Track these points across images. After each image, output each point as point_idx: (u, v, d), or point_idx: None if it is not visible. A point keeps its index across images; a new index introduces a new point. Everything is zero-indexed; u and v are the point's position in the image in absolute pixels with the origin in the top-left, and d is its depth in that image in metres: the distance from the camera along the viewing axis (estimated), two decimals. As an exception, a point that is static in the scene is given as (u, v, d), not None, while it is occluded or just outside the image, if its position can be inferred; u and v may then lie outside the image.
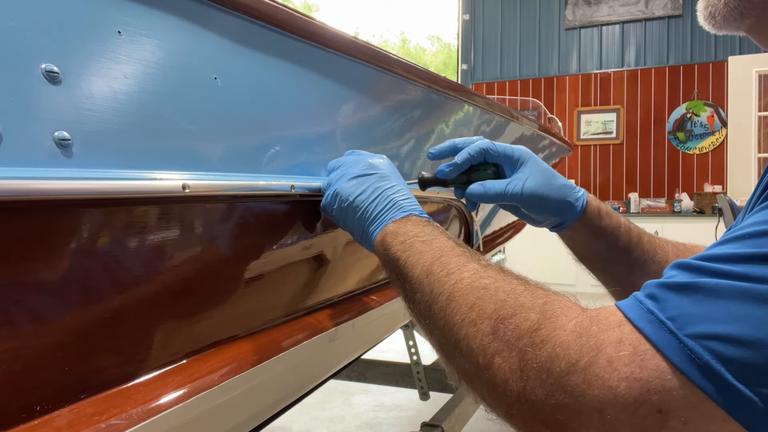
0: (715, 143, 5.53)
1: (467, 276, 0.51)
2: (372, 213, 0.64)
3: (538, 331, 0.43)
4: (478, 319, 0.47)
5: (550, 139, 1.76)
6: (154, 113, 0.52)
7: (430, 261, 0.56)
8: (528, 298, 0.47)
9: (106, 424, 0.50)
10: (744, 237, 0.40)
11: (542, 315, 0.45)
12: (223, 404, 0.64)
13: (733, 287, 0.37)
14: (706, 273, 0.39)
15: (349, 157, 0.72)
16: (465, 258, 0.55)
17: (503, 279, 0.50)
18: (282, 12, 0.62)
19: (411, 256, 0.58)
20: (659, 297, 0.40)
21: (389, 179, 0.67)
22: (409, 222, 0.62)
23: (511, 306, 0.46)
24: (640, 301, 0.42)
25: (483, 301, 0.48)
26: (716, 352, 0.36)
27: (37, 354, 0.47)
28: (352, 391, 2.79)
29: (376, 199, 0.64)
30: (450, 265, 0.54)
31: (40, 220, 0.45)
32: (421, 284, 0.55)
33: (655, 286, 0.42)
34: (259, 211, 0.67)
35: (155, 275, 0.56)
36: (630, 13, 5.77)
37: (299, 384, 0.94)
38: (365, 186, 0.65)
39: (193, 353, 0.62)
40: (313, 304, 0.84)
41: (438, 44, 16.00)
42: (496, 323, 0.46)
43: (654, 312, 0.40)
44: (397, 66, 0.81)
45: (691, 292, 0.39)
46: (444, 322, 0.51)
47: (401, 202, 0.64)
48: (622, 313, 0.42)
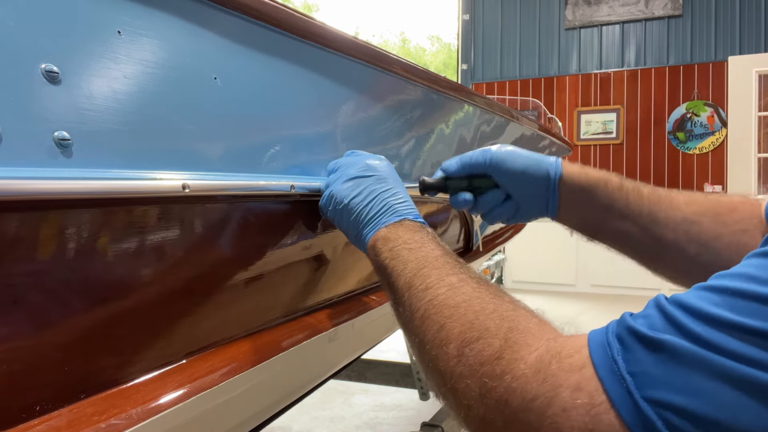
0: (715, 143, 5.53)
1: (443, 292, 0.52)
2: (366, 216, 0.64)
3: (498, 360, 0.43)
4: (446, 341, 0.48)
5: (550, 139, 1.76)
6: (154, 113, 0.52)
7: (412, 273, 0.56)
8: (495, 321, 0.47)
9: (106, 424, 0.50)
10: (726, 291, 0.38)
11: (505, 342, 0.44)
12: (223, 404, 0.64)
13: (698, 356, 0.36)
14: (678, 329, 0.38)
15: (348, 158, 0.71)
16: (446, 270, 0.55)
17: (477, 296, 0.50)
18: (282, 12, 0.62)
19: (396, 266, 0.58)
20: (627, 345, 0.39)
21: (386, 181, 0.66)
22: (401, 227, 0.62)
23: (477, 329, 0.46)
24: (608, 342, 0.40)
25: (452, 321, 0.49)
26: (670, 423, 0.35)
27: (37, 354, 0.47)
28: (352, 391, 2.79)
29: (371, 202, 0.64)
30: (429, 279, 0.54)
31: (40, 220, 0.45)
32: (403, 297, 0.56)
33: (626, 329, 0.40)
34: (258, 212, 0.67)
35: (155, 275, 0.56)
36: (630, 13, 5.77)
37: (299, 384, 0.94)
38: (361, 188, 0.65)
39: (193, 353, 0.62)
40: (313, 304, 0.84)
41: (438, 44, 16.01)
42: (461, 347, 0.46)
43: (617, 362, 0.39)
44: (397, 66, 0.81)
45: (658, 350, 0.38)
46: (419, 339, 0.52)
47: (396, 206, 0.64)
48: (588, 351, 0.41)
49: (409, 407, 2.66)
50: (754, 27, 5.38)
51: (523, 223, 2.54)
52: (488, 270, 4.75)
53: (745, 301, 0.36)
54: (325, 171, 0.73)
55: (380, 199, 0.64)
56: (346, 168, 0.69)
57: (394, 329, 1.43)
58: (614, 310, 4.92)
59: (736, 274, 0.39)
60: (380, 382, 2.33)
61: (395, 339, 2.38)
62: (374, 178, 0.66)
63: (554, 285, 5.60)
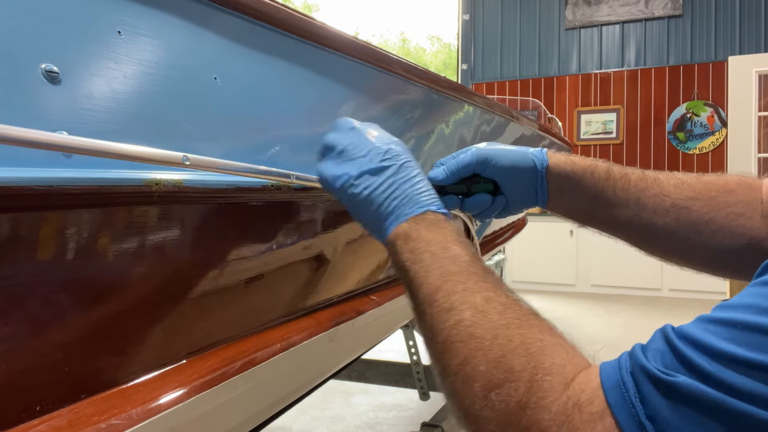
0: (715, 143, 5.53)
1: (467, 317, 0.50)
2: (386, 209, 0.61)
3: (524, 411, 0.43)
4: (471, 379, 0.47)
5: (550, 139, 1.76)
6: (154, 113, 0.52)
7: (435, 286, 0.54)
8: (521, 358, 0.46)
9: (106, 424, 0.50)
10: (735, 325, 0.37)
11: (530, 387, 0.44)
12: (223, 404, 0.64)
13: (715, 401, 0.35)
14: (687, 366, 0.38)
15: (354, 136, 0.65)
16: (471, 286, 0.52)
17: (503, 324, 0.49)
18: (282, 12, 0.62)
19: (418, 272, 0.56)
20: (641, 385, 0.39)
21: (406, 169, 0.63)
22: (423, 222, 0.59)
23: (503, 370, 0.46)
24: (623, 381, 0.40)
25: (477, 356, 0.47)
26: None
27: (37, 354, 0.47)
28: (352, 391, 2.79)
29: (392, 194, 0.61)
30: (453, 297, 0.52)
31: (40, 220, 0.45)
32: (424, 312, 0.54)
33: (638, 367, 0.40)
34: (259, 211, 0.67)
35: (155, 275, 0.56)
36: (630, 13, 5.77)
37: (299, 384, 0.94)
38: (381, 180, 0.61)
39: (193, 353, 0.62)
40: (313, 304, 0.84)
41: (438, 44, 16.01)
42: (487, 389, 0.46)
43: (635, 405, 0.38)
44: (397, 66, 0.81)
45: (670, 394, 0.37)
46: (441, 365, 0.51)
47: (417, 197, 0.61)
48: (604, 394, 0.41)
49: (409, 407, 2.66)
50: (754, 27, 5.38)
51: (523, 223, 2.54)
52: (488, 270, 4.74)
53: (756, 335, 0.36)
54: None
55: (401, 190, 0.61)
56: (355, 154, 0.63)
57: (394, 329, 1.43)
58: (614, 310, 4.88)
59: (742, 306, 0.38)
60: (380, 382, 2.33)
61: (395, 339, 2.38)
62: (395, 168, 0.62)
63: (554, 285, 5.60)
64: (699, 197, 0.67)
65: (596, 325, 4.23)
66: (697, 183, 0.68)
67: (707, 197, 0.67)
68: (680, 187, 0.69)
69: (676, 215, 0.68)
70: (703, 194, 0.67)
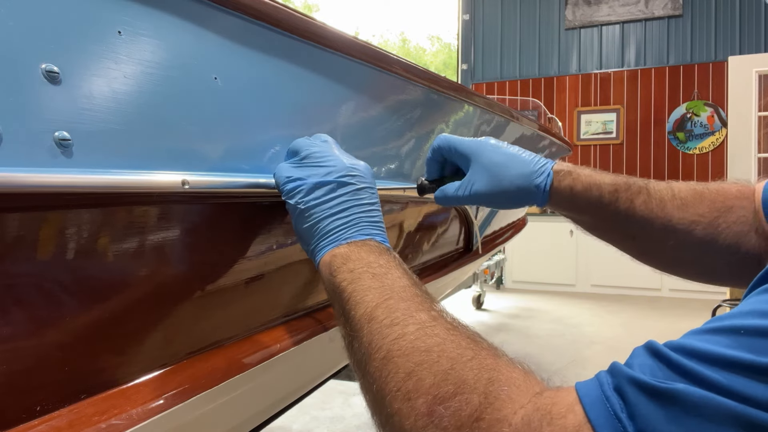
0: (715, 143, 5.53)
1: (411, 331, 0.44)
2: (327, 227, 0.57)
3: (479, 422, 0.37)
4: (414, 394, 0.41)
5: (550, 139, 1.76)
6: (154, 113, 0.52)
7: (375, 303, 0.48)
8: (473, 370, 0.40)
9: (106, 424, 0.50)
10: (738, 331, 0.33)
11: (485, 398, 0.38)
12: (223, 404, 0.64)
13: (720, 407, 0.31)
14: (686, 376, 0.33)
15: (321, 147, 0.62)
16: (415, 304, 0.48)
17: (451, 340, 0.43)
18: (282, 12, 0.62)
19: (356, 291, 0.50)
20: (629, 398, 0.34)
21: (364, 194, 0.59)
22: (365, 247, 0.55)
23: (453, 382, 0.40)
24: (606, 396, 0.35)
25: (423, 369, 0.41)
26: None
27: (37, 354, 0.47)
28: (352, 391, 2.79)
29: (338, 214, 0.57)
30: (396, 313, 0.47)
31: (40, 219, 0.45)
32: (361, 330, 0.48)
33: (626, 379, 0.35)
34: (259, 211, 0.67)
35: (155, 275, 0.56)
36: (630, 13, 5.77)
37: (299, 384, 0.94)
38: (334, 195, 0.58)
39: (193, 353, 0.62)
40: (313, 304, 0.84)
41: (438, 44, 16.01)
42: (433, 403, 0.39)
43: (621, 420, 0.33)
44: (397, 66, 0.81)
45: (668, 404, 0.32)
46: (378, 386, 0.44)
47: (364, 225, 0.57)
48: (583, 409, 0.35)
49: (409, 407, 2.66)
50: (754, 27, 5.38)
51: (523, 223, 2.54)
52: (488, 270, 4.75)
53: (763, 340, 0.32)
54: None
55: (350, 212, 0.57)
56: (318, 163, 0.60)
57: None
58: (614, 310, 4.88)
59: (743, 313, 0.35)
60: (380, 382, 2.33)
61: (395, 339, 2.38)
62: (352, 188, 0.59)
63: (554, 285, 5.60)
64: (701, 221, 0.67)
65: (596, 325, 4.23)
66: (700, 204, 0.67)
67: (708, 220, 0.66)
68: (683, 208, 0.67)
69: (679, 239, 0.67)
70: (705, 216, 0.67)
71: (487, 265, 4.67)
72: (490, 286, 5.56)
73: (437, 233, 1.24)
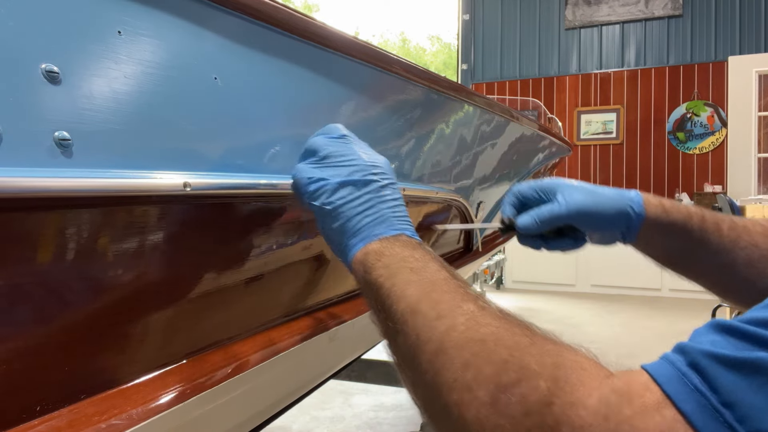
0: (715, 143, 5.53)
1: (462, 322, 0.43)
2: (356, 225, 0.56)
3: (550, 407, 0.36)
4: (474, 384, 0.39)
5: (550, 139, 1.76)
6: (154, 113, 0.52)
7: (418, 296, 0.47)
8: (534, 356, 0.39)
9: (106, 424, 0.50)
10: None
11: (554, 383, 0.37)
12: (223, 404, 0.64)
13: None
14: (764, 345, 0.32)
15: (342, 144, 0.61)
16: (459, 295, 0.47)
17: (504, 328, 0.42)
18: (282, 12, 0.62)
19: (395, 286, 0.49)
20: (708, 372, 0.33)
21: (387, 190, 0.59)
22: (398, 243, 0.54)
23: (514, 369, 0.38)
24: (682, 372, 0.34)
25: (480, 359, 0.40)
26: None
27: (37, 354, 0.47)
28: (352, 391, 2.79)
29: (366, 211, 0.57)
30: (441, 305, 0.46)
31: (40, 219, 0.45)
32: (406, 325, 0.47)
33: (700, 354, 0.34)
34: (258, 212, 0.67)
35: (155, 275, 0.56)
36: (630, 13, 5.77)
37: (299, 384, 0.94)
38: (359, 194, 0.58)
39: (193, 353, 0.62)
40: (313, 304, 0.84)
41: (438, 44, 16.01)
42: (496, 392, 0.38)
43: (704, 393, 0.32)
44: (397, 66, 0.81)
45: (751, 373, 0.31)
46: (432, 379, 0.42)
47: (392, 220, 0.57)
48: (660, 387, 0.34)
49: (409, 407, 2.66)
50: (754, 27, 5.38)
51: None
52: (488, 270, 4.75)
53: None
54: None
55: (377, 209, 0.57)
56: (339, 162, 0.60)
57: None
58: (614, 310, 4.88)
59: None
60: (380, 382, 2.33)
61: (395, 339, 2.38)
62: (376, 185, 0.58)
63: (554, 285, 5.60)
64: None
65: (596, 325, 4.23)
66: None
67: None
68: (766, 235, 0.68)
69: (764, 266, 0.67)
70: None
71: (487, 265, 4.67)
72: (490, 286, 5.56)
73: (438, 233, 1.24)
